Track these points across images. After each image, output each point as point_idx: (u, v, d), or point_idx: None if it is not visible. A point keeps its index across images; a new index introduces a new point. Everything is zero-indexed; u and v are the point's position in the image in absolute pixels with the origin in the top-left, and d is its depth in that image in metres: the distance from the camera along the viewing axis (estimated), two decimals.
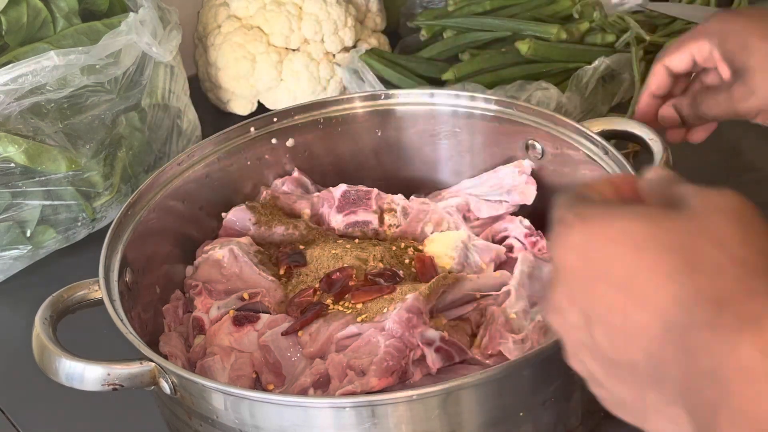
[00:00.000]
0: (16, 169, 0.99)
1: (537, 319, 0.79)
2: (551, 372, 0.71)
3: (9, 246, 1.03)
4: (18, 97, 0.95)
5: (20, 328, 0.99)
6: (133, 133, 1.08)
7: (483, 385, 0.68)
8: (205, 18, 1.29)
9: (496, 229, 0.93)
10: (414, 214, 0.93)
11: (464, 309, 0.82)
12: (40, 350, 0.73)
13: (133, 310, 0.81)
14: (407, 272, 0.87)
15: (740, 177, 1.10)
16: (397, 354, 0.74)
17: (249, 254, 0.88)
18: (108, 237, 0.82)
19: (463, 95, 0.95)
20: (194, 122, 1.18)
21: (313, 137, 0.98)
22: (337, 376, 0.75)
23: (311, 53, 1.24)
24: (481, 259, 0.88)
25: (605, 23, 1.27)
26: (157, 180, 0.89)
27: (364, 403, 0.67)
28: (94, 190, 1.05)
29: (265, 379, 0.78)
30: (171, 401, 0.74)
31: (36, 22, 1.04)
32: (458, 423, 0.69)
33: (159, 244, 0.89)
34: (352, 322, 0.79)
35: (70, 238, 1.07)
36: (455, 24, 1.29)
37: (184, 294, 0.89)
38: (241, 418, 0.70)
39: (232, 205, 0.95)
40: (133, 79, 1.05)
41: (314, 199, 0.96)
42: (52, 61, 0.95)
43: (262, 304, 0.84)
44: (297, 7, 1.25)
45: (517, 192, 0.93)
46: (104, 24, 1.08)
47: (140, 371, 0.71)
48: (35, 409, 0.90)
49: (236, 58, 1.23)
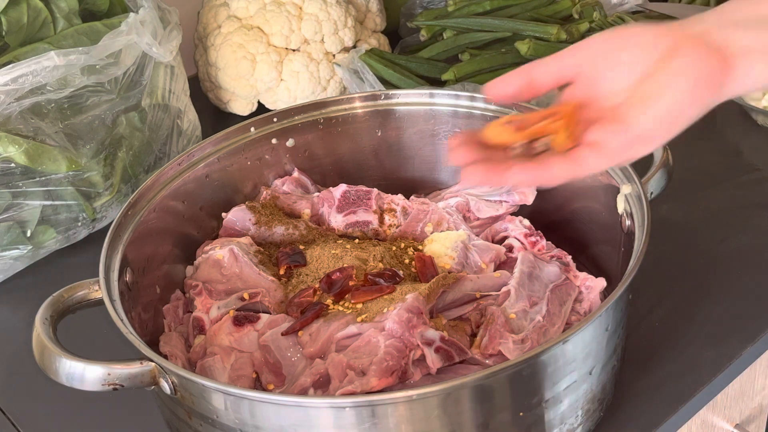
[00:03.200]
0: (17, 169, 0.99)
1: (537, 319, 0.79)
2: (551, 372, 0.71)
3: (9, 246, 1.03)
4: (18, 97, 0.95)
5: (20, 328, 0.99)
6: (133, 133, 1.08)
7: (483, 385, 0.68)
8: (205, 18, 1.29)
9: (496, 229, 0.93)
10: (414, 214, 0.93)
11: (464, 309, 0.82)
12: (40, 350, 0.73)
13: (133, 310, 0.81)
14: (407, 272, 0.87)
15: (740, 177, 1.10)
16: (397, 354, 0.74)
17: (249, 254, 0.89)
18: (108, 237, 0.82)
19: (463, 95, 0.96)
20: (194, 122, 1.18)
21: (313, 137, 0.98)
22: (337, 376, 0.75)
23: (311, 53, 1.24)
24: (481, 259, 0.88)
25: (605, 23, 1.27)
26: (157, 180, 0.89)
27: (364, 403, 0.67)
28: (94, 190, 1.05)
29: (265, 379, 0.78)
30: (171, 401, 0.74)
31: (36, 23, 1.04)
32: (458, 423, 0.69)
33: (159, 244, 0.89)
34: (352, 322, 0.79)
35: (70, 238, 1.07)
36: (455, 24, 1.30)
37: (184, 294, 0.89)
38: (241, 418, 0.70)
39: (232, 205, 0.95)
40: (134, 79, 1.05)
41: (314, 199, 0.96)
42: (52, 62, 0.95)
43: (262, 304, 0.84)
44: (297, 7, 1.25)
45: (517, 192, 0.93)
46: (104, 24, 1.08)
47: (140, 371, 0.71)
48: (35, 409, 0.90)
49: (236, 58, 1.23)
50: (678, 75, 0.62)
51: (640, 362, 0.87)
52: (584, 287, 0.84)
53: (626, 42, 0.65)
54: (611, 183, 0.85)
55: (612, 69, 0.65)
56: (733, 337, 0.89)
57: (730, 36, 0.63)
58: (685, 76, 0.62)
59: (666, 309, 0.93)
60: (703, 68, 0.62)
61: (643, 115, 0.63)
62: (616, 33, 0.67)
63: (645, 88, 0.63)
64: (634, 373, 0.86)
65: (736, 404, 1.02)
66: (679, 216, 1.04)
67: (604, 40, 0.67)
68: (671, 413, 0.83)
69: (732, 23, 0.64)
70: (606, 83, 0.66)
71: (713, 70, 0.62)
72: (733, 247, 1.00)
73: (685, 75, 0.62)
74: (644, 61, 0.64)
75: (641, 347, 0.89)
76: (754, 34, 0.63)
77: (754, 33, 0.63)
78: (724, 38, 0.63)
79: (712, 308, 0.93)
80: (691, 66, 0.62)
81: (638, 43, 0.65)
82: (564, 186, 0.91)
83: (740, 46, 0.63)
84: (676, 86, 0.62)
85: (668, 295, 0.94)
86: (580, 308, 0.83)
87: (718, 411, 0.99)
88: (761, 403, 1.07)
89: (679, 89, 0.62)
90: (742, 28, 0.63)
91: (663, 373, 0.86)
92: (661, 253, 0.93)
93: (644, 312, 0.92)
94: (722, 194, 1.07)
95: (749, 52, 0.63)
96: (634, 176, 0.82)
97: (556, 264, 0.85)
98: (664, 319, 0.92)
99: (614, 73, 0.65)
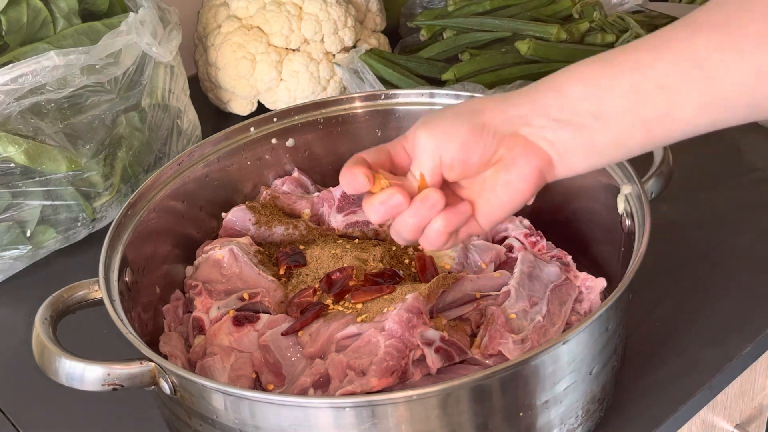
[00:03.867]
0: (16, 169, 0.99)
1: (537, 319, 0.79)
2: (551, 372, 0.71)
3: (9, 246, 1.03)
4: (18, 97, 0.95)
5: (20, 328, 0.99)
6: (133, 133, 1.08)
7: (483, 385, 0.68)
8: (205, 18, 1.29)
9: (496, 229, 0.93)
10: None
11: (464, 309, 0.82)
12: (40, 350, 0.73)
13: (133, 310, 0.81)
14: (407, 272, 0.87)
15: (740, 177, 1.10)
16: (397, 354, 0.74)
17: (249, 254, 0.89)
18: (108, 237, 0.82)
19: (463, 95, 0.96)
20: (194, 122, 1.18)
21: (313, 137, 0.98)
22: (337, 376, 0.75)
23: (311, 53, 1.24)
24: (481, 259, 0.88)
25: (605, 23, 1.27)
26: (157, 180, 0.89)
27: (364, 403, 0.67)
28: (94, 190, 1.05)
29: (265, 379, 0.78)
30: (171, 401, 0.74)
31: (36, 22, 1.04)
32: (458, 423, 0.69)
33: (159, 244, 0.89)
34: (352, 322, 0.79)
35: (70, 238, 1.07)
36: (455, 24, 1.29)
37: (184, 294, 0.89)
38: (241, 418, 0.70)
39: (232, 205, 0.95)
40: (133, 79, 1.05)
41: (314, 199, 0.96)
42: (52, 61, 0.95)
43: (262, 304, 0.84)
44: (297, 7, 1.25)
45: None
46: (104, 24, 1.08)
47: (140, 371, 0.71)
48: (35, 409, 0.90)
49: (236, 58, 1.23)
50: (514, 189, 0.69)
51: (640, 362, 0.87)
52: (584, 287, 0.84)
53: (454, 145, 0.68)
54: (611, 183, 0.85)
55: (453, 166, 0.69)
56: (733, 337, 0.89)
57: (549, 135, 0.67)
58: (521, 188, 0.69)
59: (666, 309, 0.93)
60: (535, 177, 0.68)
61: (486, 223, 0.71)
62: (437, 132, 0.69)
63: (487, 197, 0.69)
64: (634, 373, 0.86)
65: (737, 404, 1.02)
66: (679, 216, 1.04)
67: (430, 137, 0.69)
68: (671, 413, 0.83)
69: (548, 117, 0.67)
70: None
71: (540, 174, 0.68)
72: (733, 247, 1.00)
73: (521, 188, 0.68)
74: (477, 161, 0.68)
75: (641, 347, 0.89)
76: (569, 133, 0.67)
77: (569, 132, 0.67)
78: (544, 137, 0.67)
79: (712, 308, 0.93)
80: (526, 177, 0.68)
81: (465, 147, 0.68)
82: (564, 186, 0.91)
83: (561, 143, 0.67)
84: (515, 196, 0.69)
85: (668, 295, 0.94)
86: (581, 308, 0.83)
87: (719, 411, 0.99)
88: (761, 403, 1.07)
89: (518, 198, 0.69)
90: (559, 125, 0.67)
91: (663, 373, 0.86)
92: (661, 253, 0.93)
93: (644, 312, 0.92)
94: (722, 194, 1.07)
95: (567, 150, 0.67)
96: (634, 176, 0.82)
97: (556, 264, 0.85)
98: (664, 319, 0.92)
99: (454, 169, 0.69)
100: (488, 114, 0.68)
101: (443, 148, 0.68)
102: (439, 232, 0.69)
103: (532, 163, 0.68)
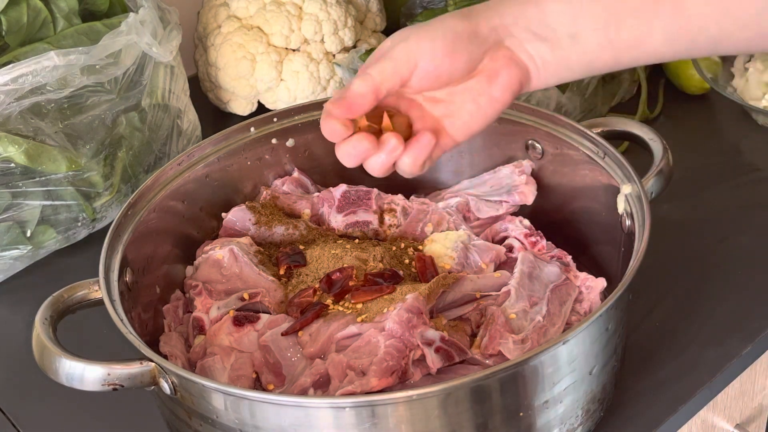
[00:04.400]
0: (16, 169, 0.99)
1: (537, 319, 0.79)
2: (551, 372, 0.71)
3: (9, 246, 1.03)
4: (18, 97, 0.95)
5: (20, 328, 0.99)
6: (133, 133, 1.08)
7: (483, 385, 0.68)
8: (205, 18, 1.29)
9: (496, 229, 0.93)
10: (414, 214, 0.93)
11: (464, 309, 0.82)
12: (40, 350, 0.73)
13: (133, 310, 0.81)
14: (407, 272, 0.87)
15: (740, 177, 1.10)
16: (397, 354, 0.74)
17: (249, 254, 0.89)
18: (108, 237, 0.82)
19: None
20: (194, 122, 1.18)
21: (313, 137, 0.98)
22: (337, 376, 0.75)
23: (311, 53, 1.24)
24: (481, 259, 0.88)
25: None
26: (157, 180, 0.89)
27: (364, 403, 0.67)
28: (94, 190, 1.05)
29: (265, 379, 0.78)
30: (171, 401, 0.74)
31: (36, 23, 1.04)
32: (458, 423, 0.69)
33: (159, 244, 0.89)
34: (352, 322, 0.79)
35: (70, 238, 1.07)
36: None
37: (184, 294, 0.89)
38: (241, 418, 0.70)
39: (232, 205, 0.94)
40: (133, 79, 1.05)
41: (314, 199, 0.96)
42: (52, 61, 0.95)
43: (262, 304, 0.84)
44: (297, 7, 1.25)
45: (517, 192, 0.93)
46: (104, 24, 1.08)
47: (140, 371, 0.71)
48: (35, 409, 0.90)
49: (236, 58, 1.23)
50: (495, 99, 0.73)
51: (640, 362, 0.87)
52: (584, 287, 0.84)
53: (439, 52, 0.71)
54: (611, 183, 0.85)
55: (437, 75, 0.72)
56: (733, 337, 0.89)
57: (530, 48, 0.72)
58: (503, 99, 0.73)
59: (666, 309, 0.93)
60: (515, 88, 0.73)
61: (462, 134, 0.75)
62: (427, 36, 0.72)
63: (467, 108, 0.73)
64: (634, 373, 0.86)
65: (737, 404, 1.02)
66: (679, 216, 1.04)
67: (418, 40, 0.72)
68: (671, 413, 0.83)
69: (529, 30, 0.71)
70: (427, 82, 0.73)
71: (520, 86, 0.73)
72: (733, 247, 1.00)
73: (501, 101, 0.73)
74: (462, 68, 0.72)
75: (641, 347, 0.89)
76: (548, 49, 0.72)
77: (548, 48, 0.72)
78: (525, 49, 0.72)
79: (712, 308, 0.93)
80: (508, 88, 0.72)
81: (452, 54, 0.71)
82: (564, 186, 0.91)
83: (540, 57, 0.72)
84: (496, 106, 0.73)
85: (668, 295, 0.94)
86: (581, 308, 0.83)
87: (719, 411, 0.99)
88: (761, 403, 1.07)
89: (498, 108, 0.74)
90: (539, 40, 0.71)
91: (663, 373, 0.86)
92: (661, 253, 0.93)
93: (644, 312, 0.92)
94: (722, 194, 1.07)
95: (544, 65, 0.72)
96: (634, 176, 0.82)
97: (556, 264, 0.85)
98: (664, 319, 0.92)
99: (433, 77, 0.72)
100: (481, 22, 0.72)
101: (427, 56, 0.71)
102: (408, 165, 0.74)
103: (513, 74, 0.72)
